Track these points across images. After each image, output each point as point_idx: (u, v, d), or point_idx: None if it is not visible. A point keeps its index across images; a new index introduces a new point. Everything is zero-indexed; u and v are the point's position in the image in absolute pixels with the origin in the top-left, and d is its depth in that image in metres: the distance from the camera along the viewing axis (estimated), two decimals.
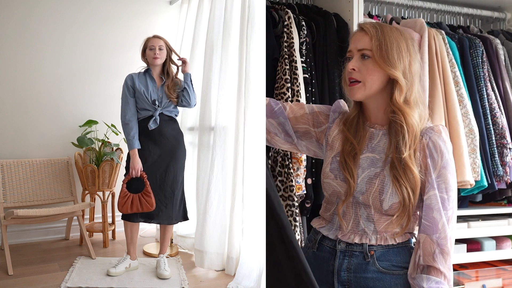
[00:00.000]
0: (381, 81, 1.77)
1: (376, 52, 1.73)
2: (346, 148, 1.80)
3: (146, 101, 3.85)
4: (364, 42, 1.76)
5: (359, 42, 1.78)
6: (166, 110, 3.92)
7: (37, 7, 4.84)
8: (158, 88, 3.91)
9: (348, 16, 2.96)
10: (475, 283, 3.18)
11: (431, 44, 2.94)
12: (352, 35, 1.85)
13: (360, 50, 1.77)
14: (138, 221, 3.94)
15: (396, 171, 1.73)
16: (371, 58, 1.75)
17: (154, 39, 3.92)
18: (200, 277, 4.02)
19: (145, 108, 3.88)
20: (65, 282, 3.73)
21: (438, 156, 1.73)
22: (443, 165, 1.72)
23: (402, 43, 1.77)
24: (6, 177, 4.48)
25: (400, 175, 1.72)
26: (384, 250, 1.79)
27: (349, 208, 1.83)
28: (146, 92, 3.85)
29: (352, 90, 1.80)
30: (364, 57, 1.76)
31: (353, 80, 1.79)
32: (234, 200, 3.95)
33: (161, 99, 3.88)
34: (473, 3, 3.58)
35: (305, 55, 2.85)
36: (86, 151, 4.90)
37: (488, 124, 3.08)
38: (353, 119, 1.90)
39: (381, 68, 1.74)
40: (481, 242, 3.23)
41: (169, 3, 5.50)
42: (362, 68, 1.76)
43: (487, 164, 3.03)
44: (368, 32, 1.77)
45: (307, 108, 2.02)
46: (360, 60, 1.77)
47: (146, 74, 3.95)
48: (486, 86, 3.12)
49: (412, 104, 1.77)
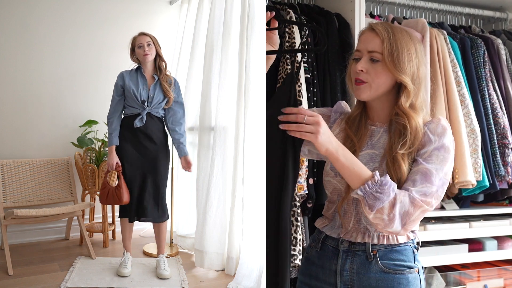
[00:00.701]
0: (388, 84, 1.77)
1: (387, 56, 1.71)
2: (346, 145, 1.76)
3: (135, 100, 3.85)
4: (374, 44, 1.74)
5: (369, 44, 1.75)
6: (154, 110, 3.91)
7: (37, 7, 4.83)
8: (149, 87, 3.90)
9: (350, 16, 2.93)
10: (476, 283, 3.17)
11: (433, 44, 2.93)
12: (361, 34, 1.83)
13: (370, 52, 1.75)
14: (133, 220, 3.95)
15: (387, 164, 1.72)
16: (381, 61, 1.73)
17: (140, 37, 3.91)
18: (200, 277, 4.01)
19: (133, 106, 3.89)
20: (65, 282, 3.73)
21: (435, 138, 1.71)
22: (437, 147, 1.70)
23: (412, 47, 1.75)
24: (6, 177, 4.47)
25: (390, 168, 1.71)
26: (387, 250, 1.78)
27: (350, 206, 1.82)
28: (136, 91, 3.85)
29: (358, 89, 1.78)
30: (374, 60, 1.74)
31: (359, 80, 1.77)
32: (234, 200, 3.93)
33: (151, 99, 3.87)
34: (475, 3, 3.56)
35: (306, 55, 2.83)
36: (86, 151, 4.89)
37: (489, 124, 3.06)
38: (355, 117, 1.89)
39: (390, 73, 1.73)
40: (482, 242, 3.21)
41: (169, 3, 5.49)
42: (371, 70, 1.75)
43: (489, 164, 3.01)
44: (380, 35, 1.74)
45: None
46: (369, 62, 1.75)
47: (138, 72, 3.94)
48: (487, 86, 3.10)
49: (418, 108, 1.76)
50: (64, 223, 4.95)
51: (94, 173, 4.65)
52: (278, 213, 1.72)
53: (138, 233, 5.10)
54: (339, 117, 1.98)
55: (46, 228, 4.89)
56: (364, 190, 1.63)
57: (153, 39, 3.92)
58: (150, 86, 3.90)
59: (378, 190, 1.61)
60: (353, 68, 1.80)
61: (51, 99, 4.96)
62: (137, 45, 3.89)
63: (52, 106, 4.97)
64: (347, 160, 1.66)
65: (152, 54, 3.88)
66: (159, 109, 3.93)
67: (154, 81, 3.90)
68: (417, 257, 1.84)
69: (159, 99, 3.89)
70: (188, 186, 4.65)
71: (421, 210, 1.64)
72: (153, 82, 3.90)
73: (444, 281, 3.12)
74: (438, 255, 3.04)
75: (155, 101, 3.87)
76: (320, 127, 1.61)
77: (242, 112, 3.82)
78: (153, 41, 3.90)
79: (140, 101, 3.85)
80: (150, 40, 3.89)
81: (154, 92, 3.88)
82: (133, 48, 3.93)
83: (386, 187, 1.60)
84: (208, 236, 4.10)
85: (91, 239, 4.81)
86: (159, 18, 5.43)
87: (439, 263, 3.06)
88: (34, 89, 4.87)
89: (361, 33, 1.84)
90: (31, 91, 4.86)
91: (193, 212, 4.44)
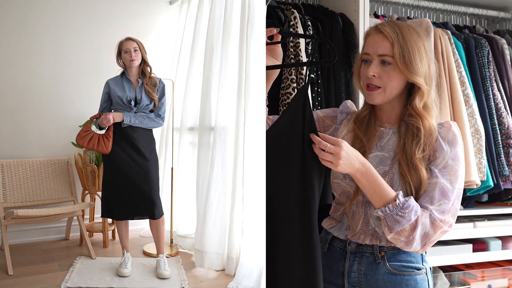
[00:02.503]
0: (401, 86, 1.73)
1: (399, 59, 1.67)
2: (355, 147, 1.73)
3: (120, 102, 3.87)
4: (384, 48, 1.69)
5: (379, 47, 1.70)
6: (141, 111, 3.90)
7: (36, 7, 4.80)
8: (135, 89, 3.91)
9: (354, 16, 2.92)
10: (481, 283, 3.18)
11: (437, 44, 2.91)
12: (368, 36, 1.78)
13: (380, 55, 1.70)
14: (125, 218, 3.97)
15: (403, 169, 1.70)
16: (392, 64, 1.69)
17: (127, 42, 3.91)
18: (200, 277, 3.99)
19: (120, 109, 3.89)
20: (65, 282, 3.71)
21: (447, 147, 1.69)
22: (451, 157, 1.69)
23: (421, 45, 1.71)
24: (6, 177, 4.44)
25: (406, 173, 1.69)
26: (395, 251, 1.77)
27: (359, 208, 1.80)
28: (122, 95, 3.86)
29: (371, 95, 1.74)
30: (385, 63, 1.70)
31: (372, 86, 1.73)
32: (234, 200, 3.91)
33: (139, 100, 3.88)
34: (479, 3, 3.56)
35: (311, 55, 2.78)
36: (86, 151, 4.85)
37: (494, 124, 3.06)
38: (364, 117, 1.85)
39: (402, 75, 1.69)
40: (487, 242, 3.21)
41: (169, 3, 5.47)
42: (383, 74, 1.70)
43: (493, 164, 3.00)
44: (389, 37, 1.69)
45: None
46: (379, 66, 1.71)
47: (123, 77, 3.96)
48: (492, 86, 3.10)
49: (430, 107, 1.74)
50: (64, 223, 4.92)
51: (94, 173, 4.62)
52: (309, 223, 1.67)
53: (138, 233, 5.07)
54: (346, 117, 1.95)
55: (46, 228, 4.87)
56: (384, 211, 1.62)
57: (140, 44, 3.93)
58: (136, 88, 3.91)
59: (399, 213, 1.60)
60: (364, 72, 1.75)
61: (51, 99, 4.94)
62: (123, 50, 3.90)
63: (52, 106, 4.94)
64: (369, 183, 1.63)
65: (138, 60, 3.89)
66: (145, 109, 3.92)
67: (139, 84, 3.91)
68: (425, 258, 1.83)
69: (147, 101, 3.90)
70: (188, 186, 4.62)
71: (441, 231, 1.64)
72: (138, 85, 3.92)
73: (448, 281, 3.13)
74: (443, 255, 3.04)
75: (143, 103, 3.88)
76: (341, 158, 1.57)
77: (242, 112, 3.80)
78: (139, 47, 3.91)
79: (126, 102, 3.85)
80: (137, 45, 3.90)
81: (141, 95, 3.89)
82: (120, 52, 3.94)
83: (407, 210, 1.60)
84: (208, 236, 4.07)
85: (91, 239, 4.77)
86: (159, 18, 5.41)
87: (443, 263, 3.06)
88: (34, 89, 4.85)
89: (367, 34, 1.79)
90: (31, 91, 4.83)
91: (193, 212, 4.42)
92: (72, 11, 4.98)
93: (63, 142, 4.91)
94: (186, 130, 4.64)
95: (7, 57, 4.71)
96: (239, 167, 3.86)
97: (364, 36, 1.82)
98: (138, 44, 3.91)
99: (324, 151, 1.58)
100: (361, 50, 1.81)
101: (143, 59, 3.93)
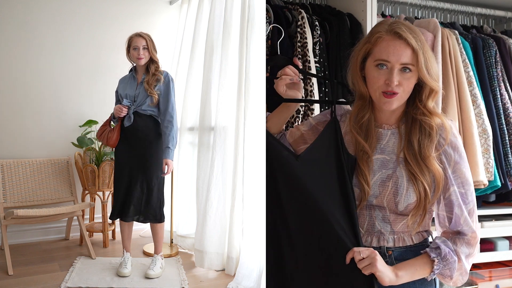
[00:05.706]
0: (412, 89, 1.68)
1: (422, 68, 1.61)
2: (358, 153, 1.72)
3: (121, 101, 3.83)
4: (407, 57, 1.61)
5: (402, 56, 1.61)
6: (140, 108, 3.78)
7: (37, 7, 4.76)
8: (137, 85, 3.82)
9: (362, 16, 2.88)
10: (488, 283, 3.17)
11: (445, 44, 2.87)
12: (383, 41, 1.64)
13: (403, 64, 1.61)
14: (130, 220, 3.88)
15: (412, 168, 1.67)
16: (412, 71, 1.63)
17: (137, 39, 3.78)
18: (200, 277, 3.94)
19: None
20: (65, 282, 3.67)
21: (451, 151, 1.68)
22: (457, 160, 1.68)
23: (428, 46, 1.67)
24: (6, 177, 4.40)
25: (416, 171, 1.66)
26: (402, 250, 1.73)
27: (363, 211, 1.74)
28: (123, 93, 3.83)
29: (390, 102, 1.65)
30: (405, 69, 1.62)
31: (390, 93, 1.64)
32: (234, 200, 3.87)
33: (137, 97, 3.78)
34: (487, 3, 3.53)
35: (318, 55, 2.77)
36: (86, 151, 4.82)
37: (501, 124, 3.03)
38: (364, 122, 1.78)
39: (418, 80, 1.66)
40: (494, 242, 3.21)
41: (169, 3, 5.45)
42: (404, 81, 1.63)
43: (501, 164, 2.98)
44: (411, 45, 1.60)
45: (304, 126, 1.94)
46: (400, 73, 1.62)
47: (131, 73, 3.91)
48: (499, 86, 3.07)
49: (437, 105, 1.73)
50: (64, 223, 4.89)
51: (94, 173, 4.57)
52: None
53: (138, 233, 5.05)
54: (340, 119, 1.86)
55: (46, 228, 4.84)
56: (434, 275, 1.67)
57: (149, 42, 3.80)
58: (138, 84, 3.83)
59: (445, 267, 1.65)
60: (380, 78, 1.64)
61: (51, 99, 4.90)
62: (132, 46, 3.78)
63: (52, 106, 4.91)
64: (407, 278, 1.66)
65: (146, 58, 3.78)
66: (144, 105, 3.78)
67: (141, 81, 3.82)
68: None
69: (143, 98, 3.76)
70: (188, 186, 4.58)
71: (476, 242, 1.71)
72: (140, 81, 3.83)
73: None
74: None
75: (139, 99, 3.77)
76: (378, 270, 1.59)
77: (242, 112, 3.75)
78: (148, 45, 3.78)
79: (126, 99, 3.79)
80: (146, 44, 3.77)
81: (139, 91, 3.79)
82: (129, 47, 3.83)
83: (447, 257, 1.65)
84: (208, 236, 4.03)
85: (91, 239, 4.75)
86: (159, 18, 5.39)
87: None
88: (34, 89, 4.81)
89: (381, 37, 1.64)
90: (31, 91, 4.79)
91: (193, 212, 4.38)
92: (72, 11, 4.95)
93: (63, 142, 4.89)
94: (186, 130, 4.59)
95: (7, 57, 4.67)
96: (239, 167, 3.82)
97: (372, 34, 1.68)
98: (148, 41, 3.79)
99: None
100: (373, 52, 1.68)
101: (151, 58, 3.83)
